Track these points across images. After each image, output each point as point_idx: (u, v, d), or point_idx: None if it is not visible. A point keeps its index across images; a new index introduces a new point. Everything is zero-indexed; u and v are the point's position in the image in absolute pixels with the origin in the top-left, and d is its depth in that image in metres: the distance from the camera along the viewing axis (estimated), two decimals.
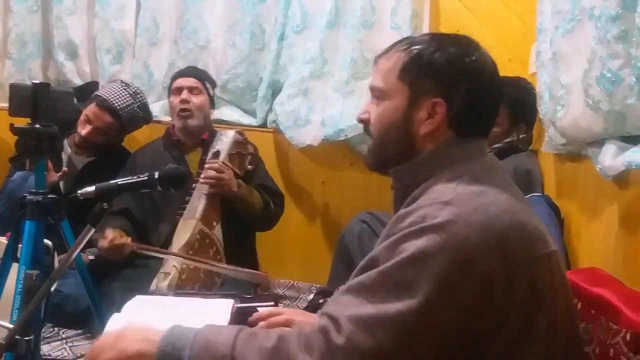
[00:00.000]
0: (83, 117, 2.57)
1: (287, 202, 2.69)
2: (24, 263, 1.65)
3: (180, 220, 2.23)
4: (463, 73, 1.07)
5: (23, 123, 1.74)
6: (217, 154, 2.31)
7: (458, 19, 2.82)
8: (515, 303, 0.96)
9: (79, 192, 1.45)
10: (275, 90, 2.99)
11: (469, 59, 1.07)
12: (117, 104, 2.57)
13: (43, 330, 2.00)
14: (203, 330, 1.00)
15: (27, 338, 1.24)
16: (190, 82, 2.54)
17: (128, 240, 2.18)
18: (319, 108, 2.88)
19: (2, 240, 1.93)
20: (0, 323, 1.65)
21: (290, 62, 2.94)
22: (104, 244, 2.16)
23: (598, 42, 1.34)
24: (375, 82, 1.13)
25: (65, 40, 3.16)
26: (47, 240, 1.78)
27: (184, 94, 2.49)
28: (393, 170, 1.14)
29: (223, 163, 2.27)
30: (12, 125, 1.73)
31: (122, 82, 2.68)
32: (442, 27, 2.85)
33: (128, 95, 2.60)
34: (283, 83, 2.96)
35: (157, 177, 1.31)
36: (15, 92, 1.75)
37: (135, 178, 1.34)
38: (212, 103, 2.63)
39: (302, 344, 0.93)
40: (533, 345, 0.97)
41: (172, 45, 3.10)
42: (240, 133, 2.39)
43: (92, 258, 2.45)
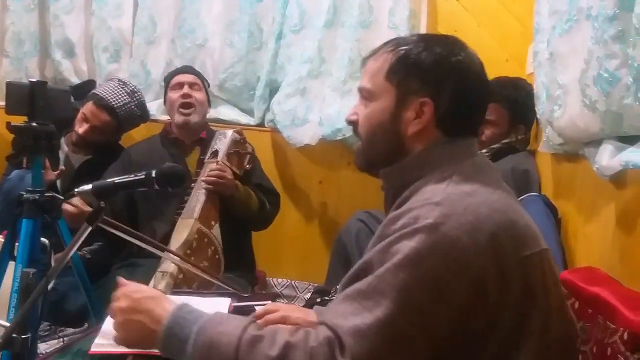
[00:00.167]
0: (80, 115, 2.57)
1: (284, 201, 2.69)
2: (21, 261, 1.65)
3: (179, 220, 2.23)
4: (449, 72, 1.07)
5: (20, 121, 1.74)
6: (215, 153, 2.31)
7: (455, 19, 2.82)
8: (509, 302, 0.97)
9: (76, 190, 1.45)
10: (273, 90, 2.99)
11: (456, 59, 1.08)
12: (114, 103, 2.56)
13: (40, 329, 1.99)
14: (206, 327, 0.99)
15: (24, 336, 1.24)
16: (190, 78, 2.53)
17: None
18: (317, 107, 2.89)
19: None
20: None
21: (288, 61, 2.95)
22: (68, 208, 2.06)
23: (595, 42, 1.34)
24: (363, 83, 1.14)
25: (62, 39, 3.16)
26: (44, 239, 1.78)
27: (186, 89, 2.47)
28: (383, 172, 1.14)
29: (222, 162, 2.27)
30: (9, 124, 1.73)
31: (119, 80, 2.67)
32: (439, 27, 2.85)
33: (125, 94, 2.60)
34: (281, 82, 2.96)
35: (154, 175, 1.31)
36: (12, 90, 1.74)
37: (132, 176, 1.33)
38: (208, 102, 2.62)
39: (307, 357, 0.91)
40: (527, 343, 0.98)
41: (169, 44, 3.10)
42: (239, 132, 2.39)
43: (89, 257, 2.44)
